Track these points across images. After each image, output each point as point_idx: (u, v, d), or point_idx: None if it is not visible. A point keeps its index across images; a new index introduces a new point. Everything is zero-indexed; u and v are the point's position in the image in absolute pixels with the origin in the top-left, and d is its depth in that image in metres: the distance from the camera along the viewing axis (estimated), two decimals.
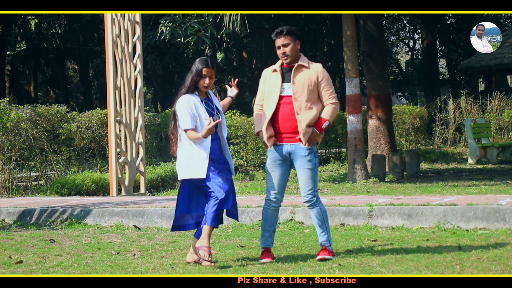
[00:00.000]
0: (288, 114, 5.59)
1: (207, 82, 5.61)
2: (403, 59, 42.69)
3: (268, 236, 5.73)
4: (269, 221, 5.75)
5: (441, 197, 8.47)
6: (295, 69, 5.64)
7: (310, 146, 5.60)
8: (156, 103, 35.23)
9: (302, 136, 5.57)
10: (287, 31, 5.65)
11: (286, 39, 5.64)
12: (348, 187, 11.18)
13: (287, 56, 5.63)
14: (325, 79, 5.67)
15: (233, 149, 15.28)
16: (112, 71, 10.54)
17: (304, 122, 5.57)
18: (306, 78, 5.62)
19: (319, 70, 5.69)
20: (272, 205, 5.73)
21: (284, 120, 5.61)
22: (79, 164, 13.24)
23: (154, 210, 8.13)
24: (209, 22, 15.56)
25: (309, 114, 5.59)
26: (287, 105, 5.60)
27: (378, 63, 13.68)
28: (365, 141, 13.55)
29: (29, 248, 6.58)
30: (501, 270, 4.93)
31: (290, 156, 5.65)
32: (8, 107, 12.26)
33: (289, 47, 5.63)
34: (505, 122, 18.95)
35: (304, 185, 5.64)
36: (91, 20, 25.37)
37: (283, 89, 5.62)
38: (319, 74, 5.66)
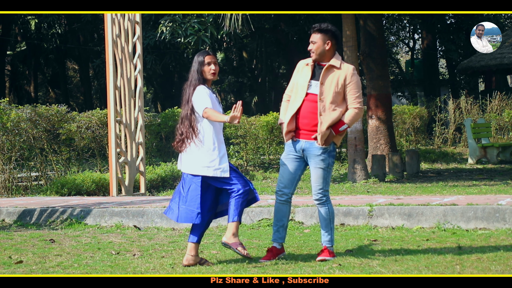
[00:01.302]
0: (309, 112, 5.60)
1: (213, 68, 5.60)
2: (403, 59, 42.68)
3: (276, 230, 5.75)
4: (277, 214, 5.76)
5: (441, 197, 8.47)
6: (326, 69, 5.63)
7: (325, 146, 5.59)
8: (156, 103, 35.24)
9: (318, 135, 5.57)
10: (318, 28, 5.67)
11: (315, 36, 5.65)
12: (348, 187, 11.18)
13: (312, 53, 5.66)
14: (353, 82, 5.64)
15: (233, 149, 15.29)
16: (112, 71, 10.54)
17: (326, 124, 5.57)
18: (334, 80, 5.60)
19: (349, 72, 5.65)
20: (279, 198, 5.73)
21: (303, 117, 5.62)
22: (79, 164, 13.24)
23: (154, 210, 8.13)
24: (209, 22, 15.56)
25: (331, 116, 5.58)
26: (311, 102, 5.61)
27: (378, 63, 13.68)
28: (365, 141, 13.56)
29: (29, 248, 6.58)
30: (501, 270, 4.93)
31: (304, 153, 5.66)
32: (8, 107, 12.26)
33: (315, 45, 5.64)
34: (505, 122, 18.95)
35: (315, 184, 5.65)
36: (91, 20, 25.37)
37: (310, 86, 5.63)
38: (347, 76, 5.63)
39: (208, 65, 5.60)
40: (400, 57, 41.24)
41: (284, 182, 5.70)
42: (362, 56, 13.60)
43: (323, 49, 5.64)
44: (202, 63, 5.60)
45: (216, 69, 5.64)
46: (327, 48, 5.64)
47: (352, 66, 5.71)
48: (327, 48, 5.64)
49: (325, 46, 5.64)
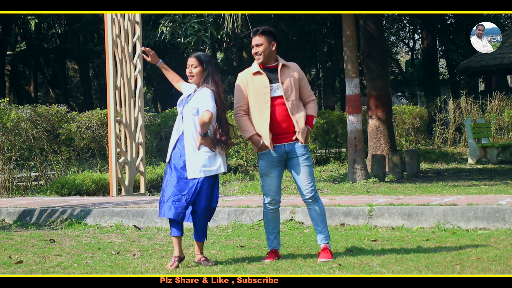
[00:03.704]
0: (283, 114, 5.62)
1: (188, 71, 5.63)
2: (403, 59, 42.70)
3: (273, 238, 5.75)
4: (271, 223, 5.77)
5: (441, 197, 8.47)
6: (281, 69, 5.68)
7: (306, 144, 5.68)
8: (156, 103, 35.25)
9: (300, 135, 5.62)
10: (262, 30, 5.70)
11: (260, 39, 5.67)
12: (348, 187, 11.18)
13: (259, 56, 5.65)
14: (304, 77, 5.78)
15: (233, 149, 15.28)
16: (112, 71, 10.54)
17: (301, 121, 5.64)
18: (291, 78, 5.68)
19: (298, 68, 5.78)
20: (271, 208, 5.74)
21: (281, 121, 5.62)
22: (79, 164, 13.24)
23: (154, 210, 8.13)
24: (209, 22, 15.55)
25: (301, 113, 5.67)
26: (280, 106, 5.62)
27: (378, 63, 13.68)
28: (365, 141, 13.55)
29: (29, 248, 6.58)
30: (501, 270, 4.93)
31: (287, 155, 5.67)
32: (8, 107, 12.26)
33: (262, 47, 5.65)
34: (505, 122, 18.94)
35: (306, 182, 5.66)
36: (91, 20, 25.36)
37: (272, 90, 5.63)
38: (299, 72, 5.75)
39: (187, 68, 5.66)
40: (400, 57, 41.26)
41: (275, 190, 5.69)
42: (362, 56, 13.60)
43: (269, 50, 5.66)
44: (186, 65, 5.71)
45: (194, 72, 5.60)
46: (273, 49, 5.69)
47: (295, 62, 5.86)
48: (273, 49, 5.69)
49: (271, 47, 5.68)
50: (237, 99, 5.74)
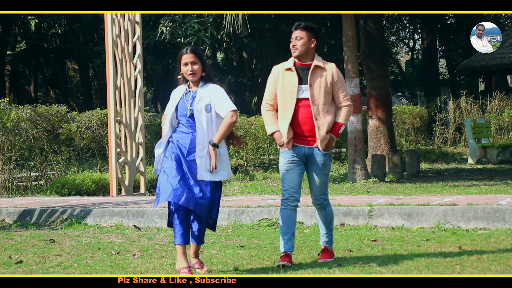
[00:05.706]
0: (307, 117, 5.43)
1: (189, 69, 5.26)
2: (403, 59, 42.69)
3: (288, 239, 5.49)
4: (287, 222, 5.52)
5: (441, 197, 8.47)
6: (312, 70, 5.48)
7: (327, 151, 5.50)
8: (156, 103, 35.26)
9: (319, 142, 5.45)
10: (304, 25, 5.53)
11: (301, 32, 5.50)
12: (348, 187, 11.18)
13: (296, 49, 5.48)
14: (339, 80, 5.53)
15: (233, 149, 15.27)
16: (112, 71, 10.54)
17: (323, 128, 5.44)
18: (322, 80, 5.46)
19: (334, 70, 5.54)
20: (290, 204, 5.51)
21: (303, 124, 5.44)
22: (79, 164, 13.24)
23: (154, 210, 8.13)
24: (209, 22, 15.55)
25: (327, 120, 5.45)
26: (305, 108, 5.44)
27: (378, 63, 13.69)
28: (365, 141, 13.56)
29: (29, 248, 6.58)
30: (501, 270, 4.93)
31: (306, 159, 5.52)
32: (8, 107, 12.25)
33: (301, 41, 5.48)
34: (505, 122, 18.95)
35: (317, 190, 5.55)
36: (91, 20, 25.37)
37: (300, 91, 5.46)
38: (334, 75, 5.51)
39: (185, 66, 5.29)
40: (400, 57, 41.24)
41: (294, 187, 5.50)
42: (362, 56, 13.60)
43: (308, 46, 5.49)
44: (179, 61, 5.32)
45: (195, 68, 5.26)
46: (312, 46, 5.52)
47: (334, 64, 5.61)
48: (312, 46, 5.52)
49: (310, 43, 5.50)
50: (266, 93, 5.60)
